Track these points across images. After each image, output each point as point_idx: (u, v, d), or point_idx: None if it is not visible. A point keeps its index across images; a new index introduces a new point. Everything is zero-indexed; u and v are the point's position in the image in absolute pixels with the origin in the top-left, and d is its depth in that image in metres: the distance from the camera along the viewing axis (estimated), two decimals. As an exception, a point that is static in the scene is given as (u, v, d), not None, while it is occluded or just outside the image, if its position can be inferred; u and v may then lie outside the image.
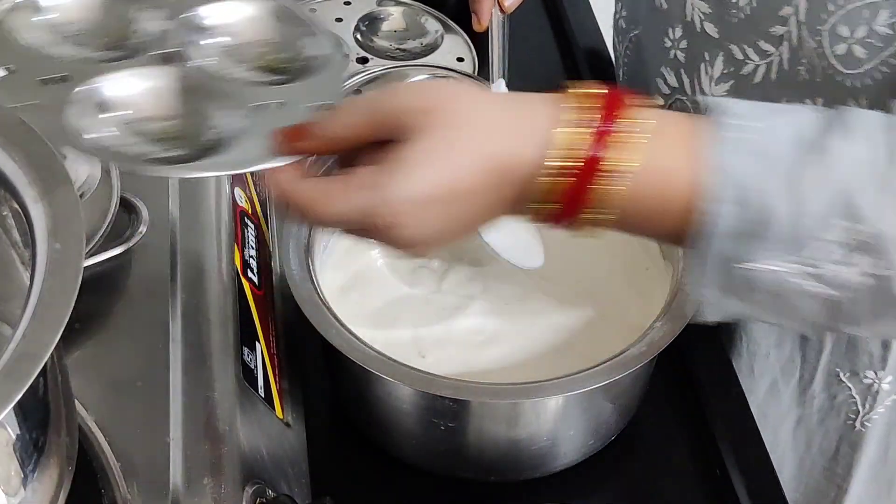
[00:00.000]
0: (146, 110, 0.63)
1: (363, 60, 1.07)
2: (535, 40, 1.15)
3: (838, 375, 0.87)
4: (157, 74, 0.64)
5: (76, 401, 0.59)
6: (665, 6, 0.83)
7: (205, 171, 0.62)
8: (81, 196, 0.68)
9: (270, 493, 0.62)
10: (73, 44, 0.67)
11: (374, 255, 0.82)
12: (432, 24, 1.10)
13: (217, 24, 0.69)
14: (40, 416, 0.51)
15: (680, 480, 0.79)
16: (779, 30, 0.74)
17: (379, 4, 1.12)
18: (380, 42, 1.09)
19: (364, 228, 0.56)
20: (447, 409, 0.70)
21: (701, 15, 0.79)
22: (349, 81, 0.98)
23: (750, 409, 0.82)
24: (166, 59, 0.65)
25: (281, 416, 0.71)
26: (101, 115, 0.62)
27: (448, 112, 0.55)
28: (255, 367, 0.69)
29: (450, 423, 0.71)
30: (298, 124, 0.59)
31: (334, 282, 0.78)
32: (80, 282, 0.46)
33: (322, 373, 0.80)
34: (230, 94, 0.63)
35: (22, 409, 0.48)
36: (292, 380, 0.75)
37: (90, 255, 0.65)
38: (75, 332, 0.63)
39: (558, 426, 0.73)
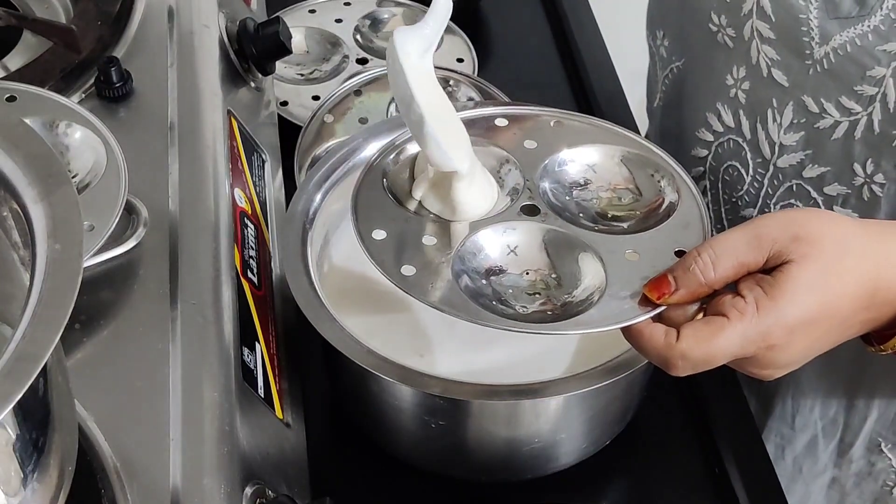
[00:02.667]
0: (509, 265, 0.66)
1: (363, 61, 1.07)
2: (535, 46, 1.15)
3: (880, 445, 0.85)
4: (520, 228, 0.67)
5: (76, 401, 0.59)
6: (730, 45, 0.78)
7: (575, 330, 0.62)
8: (87, 186, 0.68)
9: (270, 493, 0.62)
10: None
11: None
12: (432, 25, 1.10)
13: (572, 172, 0.72)
14: (40, 416, 0.51)
15: (680, 481, 0.79)
16: (868, 90, 0.70)
17: (379, 5, 1.12)
18: (380, 42, 1.09)
19: (745, 356, 0.60)
20: (446, 409, 0.70)
21: (768, 60, 0.76)
22: (349, 83, 0.98)
23: (750, 410, 0.82)
24: (524, 211, 0.68)
25: (281, 416, 0.71)
26: (483, 279, 0.65)
27: (822, 239, 0.59)
28: (255, 367, 0.69)
29: (449, 424, 0.71)
30: (668, 274, 0.61)
31: (334, 282, 0.78)
32: (80, 282, 0.46)
33: (322, 373, 0.80)
34: (586, 246, 0.65)
35: (22, 409, 0.48)
36: (292, 380, 0.75)
37: (90, 255, 0.65)
38: (75, 332, 0.64)
39: (558, 427, 0.73)
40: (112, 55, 0.79)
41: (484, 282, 0.65)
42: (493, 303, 0.64)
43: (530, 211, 0.68)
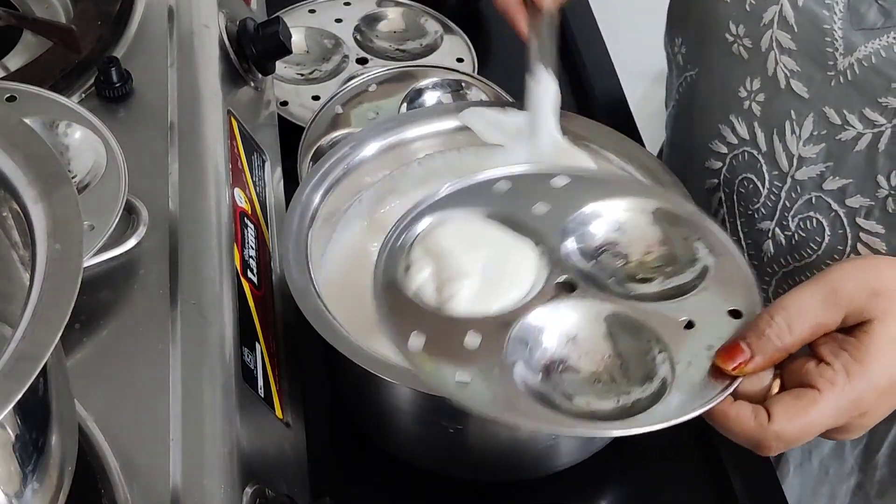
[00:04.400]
0: (567, 354, 0.61)
1: (363, 61, 1.07)
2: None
3: None
4: (565, 311, 0.61)
5: (76, 401, 0.59)
6: (745, 56, 0.77)
7: (654, 425, 0.56)
8: (87, 186, 0.68)
9: (270, 493, 0.62)
10: None
11: (373, 256, 0.82)
12: (432, 25, 1.10)
13: (598, 233, 0.67)
14: (40, 416, 0.51)
15: (680, 481, 0.79)
16: (892, 101, 0.69)
17: (379, 5, 1.12)
18: (379, 43, 1.09)
19: (837, 427, 0.57)
20: (446, 409, 0.70)
21: (787, 72, 0.74)
22: (349, 84, 0.98)
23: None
24: (562, 289, 0.62)
25: (281, 416, 0.71)
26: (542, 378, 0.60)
27: None
28: (255, 367, 0.69)
29: (449, 424, 0.71)
30: (739, 341, 0.57)
31: (334, 282, 0.78)
32: (80, 282, 0.46)
33: (322, 373, 0.80)
34: (641, 323, 0.60)
35: (22, 409, 0.48)
36: (292, 380, 0.75)
37: (90, 255, 0.65)
38: (75, 332, 0.64)
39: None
40: (112, 55, 0.79)
41: (541, 377, 0.60)
42: (558, 400, 0.58)
43: (567, 288, 0.63)
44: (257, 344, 0.71)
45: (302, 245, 0.75)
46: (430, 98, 0.99)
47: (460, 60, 1.07)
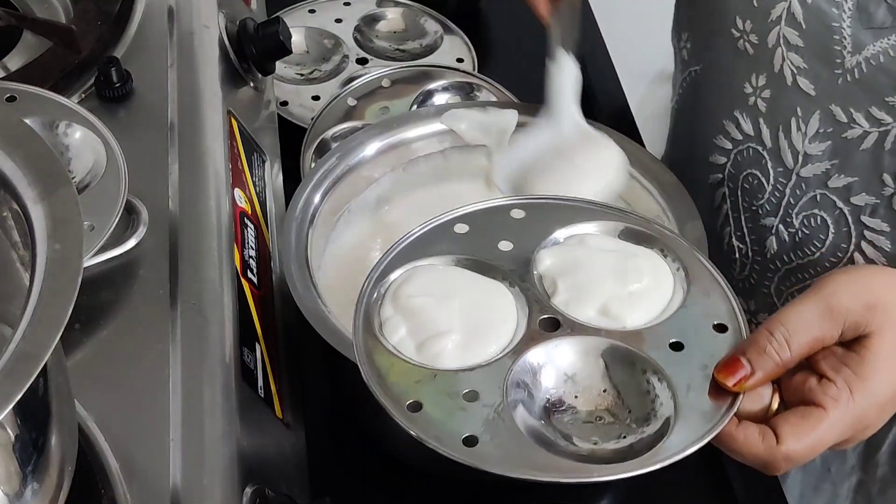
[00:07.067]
0: (563, 394, 0.60)
1: (363, 61, 1.07)
2: (535, 46, 1.15)
3: None
4: (552, 351, 0.60)
5: (76, 401, 0.59)
6: (750, 52, 0.77)
7: (662, 461, 0.55)
8: (87, 186, 0.68)
9: (270, 493, 0.62)
10: None
11: (373, 256, 0.82)
12: (432, 25, 1.10)
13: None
14: (40, 416, 0.51)
15: (679, 481, 0.79)
16: None
17: (378, 5, 1.12)
18: (379, 43, 1.09)
19: (842, 440, 0.58)
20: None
21: (793, 69, 0.74)
22: (348, 87, 0.98)
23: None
24: (544, 328, 0.61)
25: (281, 417, 0.71)
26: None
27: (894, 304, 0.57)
28: (255, 367, 0.69)
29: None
30: (739, 356, 0.56)
31: (333, 282, 0.78)
32: (80, 282, 0.46)
33: (322, 373, 0.80)
34: (631, 351, 0.59)
35: (22, 409, 0.48)
36: (292, 380, 0.75)
37: (90, 255, 0.65)
38: (75, 332, 0.64)
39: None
40: (112, 55, 0.79)
41: (542, 420, 0.59)
42: (563, 444, 0.57)
43: (552, 326, 0.61)
44: (257, 344, 0.71)
45: (302, 245, 0.75)
46: (439, 100, 0.99)
47: (460, 60, 1.07)
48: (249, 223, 0.77)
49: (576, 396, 0.60)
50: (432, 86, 1.00)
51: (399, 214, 0.84)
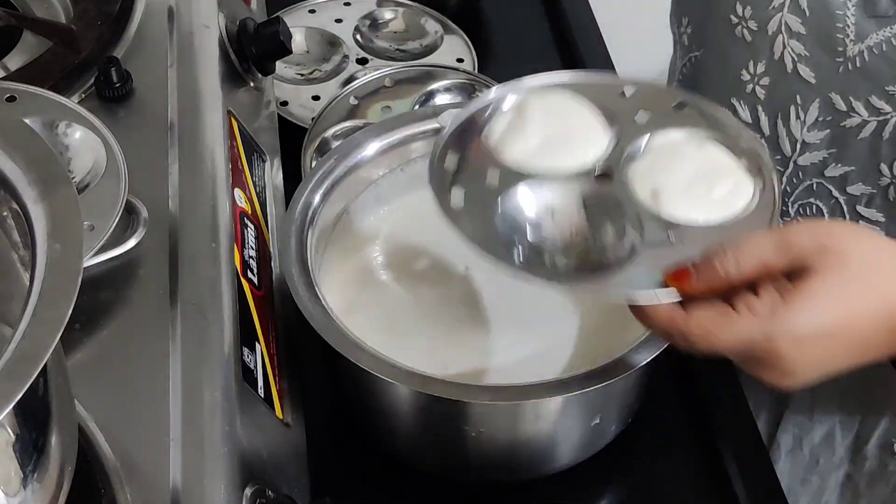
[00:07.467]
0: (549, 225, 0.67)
1: (363, 61, 1.07)
2: (535, 46, 1.15)
3: (893, 446, 0.84)
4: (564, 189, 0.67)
5: (76, 401, 0.59)
6: (748, 38, 0.77)
7: (598, 291, 0.64)
8: (87, 186, 0.68)
9: (270, 493, 0.62)
10: None
11: (373, 256, 0.82)
12: (432, 25, 1.10)
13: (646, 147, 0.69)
14: (40, 416, 0.51)
15: (680, 481, 0.79)
16: None
17: (379, 5, 1.12)
18: (379, 43, 1.10)
19: (751, 356, 0.59)
20: (445, 409, 0.70)
21: (794, 56, 0.74)
22: (350, 86, 0.98)
23: (750, 409, 0.82)
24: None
25: (281, 416, 0.71)
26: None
27: (849, 253, 0.58)
28: (255, 367, 0.69)
29: (449, 424, 0.71)
30: (691, 265, 0.60)
31: (333, 282, 0.79)
32: (80, 282, 0.47)
33: (322, 373, 0.80)
34: (629, 219, 0.65)
35: (22, 409, 0.48)
36: (292, 380, 0.75)
37: (90, 255, 0.65)
38: (75, 332, 0.64)
39: (558, 427, 0.73)
40: (112, 55, 0.79)
41: (531, 234, 0.66)
42: (529, 252, 0.64)
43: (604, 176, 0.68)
44: (257, 344, 0.71)
45: (302, 245, 0.75)
46: (442, 100, 0.99)
47: (460, 60, 1.07)
48: (249, 223, 0.77)
49: (569, 225, 0.67)
50: (435, 86, 1.00)
51: (399, 215, 0.84)
